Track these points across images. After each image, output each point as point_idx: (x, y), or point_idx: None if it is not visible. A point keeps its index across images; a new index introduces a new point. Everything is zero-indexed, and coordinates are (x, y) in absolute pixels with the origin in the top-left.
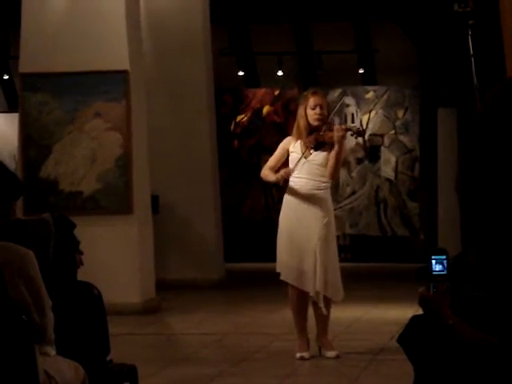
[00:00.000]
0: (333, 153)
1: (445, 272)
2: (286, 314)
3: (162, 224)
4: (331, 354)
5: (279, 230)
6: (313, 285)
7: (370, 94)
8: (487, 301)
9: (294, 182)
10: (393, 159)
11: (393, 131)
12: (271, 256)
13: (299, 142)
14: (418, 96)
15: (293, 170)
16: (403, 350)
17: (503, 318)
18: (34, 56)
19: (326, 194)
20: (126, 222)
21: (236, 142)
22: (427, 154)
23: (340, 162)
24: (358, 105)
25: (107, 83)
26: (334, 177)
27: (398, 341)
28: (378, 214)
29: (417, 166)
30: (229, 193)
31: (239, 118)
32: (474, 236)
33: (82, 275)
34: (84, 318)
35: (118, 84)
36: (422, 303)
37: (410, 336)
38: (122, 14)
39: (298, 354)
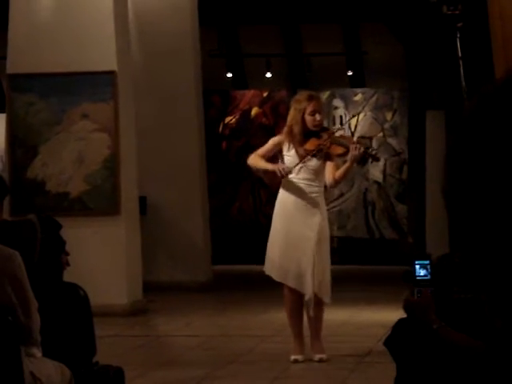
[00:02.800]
0: (344, 167)
1: (428, 277)
2: (274, 316)
3: (150, 225)
4: (316, 356)
5: (272, 232)
6: (311, 287)
7: (359, 97)
8: (474, 303)
9: (291, 181)
10: (381, 162)
11: (381, 134)
12: (259, 258)
13: (291, 146)
14: (406, 98)
15: (291, 171)
16: (389, 352)
17: (490, 320)
18: (21, 57)
19: (320, 198)
20: (113, 223)
21: (224, 144)
22: (415, 156)
23: (347, 176)
24: (346, 107)
25: (95, 84)
26: (335, 186)
27: (385, 343)
28: (366, 216)
29: (405, 168)
30: (217, 194)
31: (227, 119)
32: (460, 238)
33: (68, 276)
34: (70, 320)
35: (106, 85)
36: (407, 308)
37: (397, 339)
38: (110, 14)
39: (293, 357)
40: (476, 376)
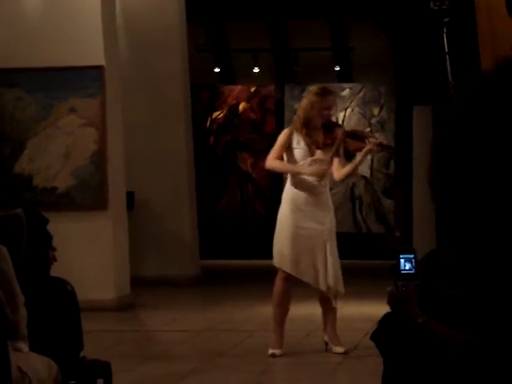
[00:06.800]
0: (357, 160)
1: (413, 271)
2: (262, 311)
3: (138, 220)
4: (339, 349)
5: (281, 226)
6: (325, 280)
7: (346, 92)
8: (459, 299)
9: (301, 179)
10: (368, 157)
11: (368, 129)
12: (247, 253)
13: (301, 138)
14: (393, 93)
15: (325, 171)
16: (376, 346)
17: (477, 316)
18: (9, 51)
19: (328, 193)
20: (100, 218)
21: (212, 139)
22: (402, 151)
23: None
24: None
25: (82, 79)
26: (343, 180)
27: (372, 338)
28: (353, 211)
29: (392, 163)
30: (204, 189)
31: (215, 114)
32: (447, 228)
33: (55, 271)
34: (57, 314)
35: (94, 80)
36: (391, 302)
37: (383, 333)
38: (98, 9)
39: (271, 351)
40: (460, 367)
